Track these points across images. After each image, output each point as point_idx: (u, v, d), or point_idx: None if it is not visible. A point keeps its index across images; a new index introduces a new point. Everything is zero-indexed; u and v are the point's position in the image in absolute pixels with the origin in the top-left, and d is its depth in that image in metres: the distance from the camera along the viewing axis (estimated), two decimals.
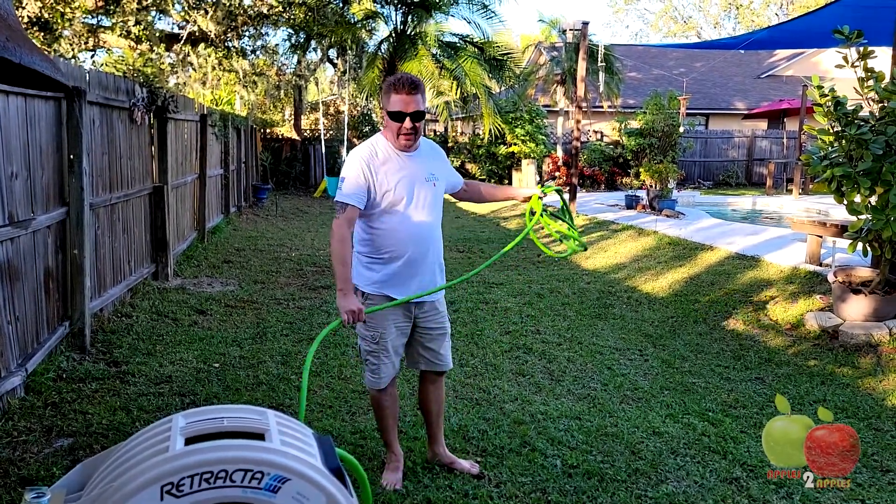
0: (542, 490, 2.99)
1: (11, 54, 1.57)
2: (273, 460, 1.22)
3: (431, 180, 2.93)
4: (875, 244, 5.13)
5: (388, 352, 2.91)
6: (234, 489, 1.21)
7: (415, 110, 2.78)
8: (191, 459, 1.19)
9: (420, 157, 2.93)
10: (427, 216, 2.91)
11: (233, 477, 1.21)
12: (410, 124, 2.79)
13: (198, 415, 1.39)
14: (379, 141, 2.89)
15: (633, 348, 5.17)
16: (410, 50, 15.90)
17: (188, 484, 1.19)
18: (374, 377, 2.96)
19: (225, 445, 1.25)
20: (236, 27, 9.10)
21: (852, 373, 4.62)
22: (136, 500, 1.17)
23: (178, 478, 1.18)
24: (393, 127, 2.81)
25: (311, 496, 1.24)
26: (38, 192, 4.03)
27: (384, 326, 2.89)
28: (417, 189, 2.87)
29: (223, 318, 5.64)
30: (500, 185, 2.96)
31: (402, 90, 2.76)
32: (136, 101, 5.83)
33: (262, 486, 1.22)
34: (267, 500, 1.22)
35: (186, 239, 8.16)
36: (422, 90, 2.81)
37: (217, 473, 1.19)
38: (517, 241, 3.13)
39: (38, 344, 4.00)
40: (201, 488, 1.19)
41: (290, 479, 1.23)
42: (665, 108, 13.23)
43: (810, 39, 11.75)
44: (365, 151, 2.84)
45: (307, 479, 1.24)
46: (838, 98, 5.01)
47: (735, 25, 41.46)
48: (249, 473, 1.21)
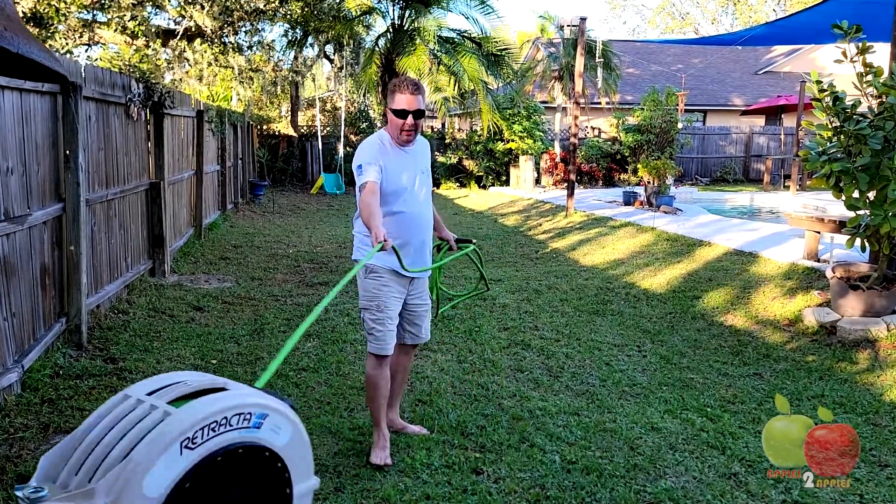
0: (541, 485, 2.98)
1: (9, 43, 1.55)
2: (257, 401, 1.49)
3: (426, 173, 3.28)
4: (873, 239, 5.13)
5: (391, 319, 3.15)
6: (233, 432, 1.44)
7: (416, 109, 3.05)
8: (202, 413, 1.40)
9: (416, 151, 3.23)
10: (424, 204, 3.24)
11: (231, 421, 1.44)
12: (412, 121, 3.06)
13: (153, 384, 1.54)
14: (383, 135, 3.16)
15: (632, 344, 5.17)
16: (408, 45, 15.85)
17: (200, 435, 1.38)
18: (377, 345, 3.15)
19: (221, 397, 1.47)
20: (233, 22, 9.05)
21: (850, 368, 4.63)
22: (161, 461, 1.32)
23: (193, 432, 1.37)
24: (396, 123, 3.08)
25: (282, 426, 1.53)
26: (34, 187, 4.01)
27: (386, 295, 3.13)
28: (416, 180, 3.19)
29: (220, 314, 5.62)
30: (437, 217, 3.44)
31: (405, 90, 3.05)
32: (133, 96, 5.80)
33: (251, 425, 1.48)
34: (254, 435, 1.48)
35: (183, 235, 8.13)
36: (422, 91, 3.09)
37: (220, 421, 1.41)
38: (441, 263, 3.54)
39: (34, 340, 3.98)
40: (209, 437, 1.40)
41: (269, 414, 1.51)
42: (663, 105, 13.21)
43: (808, 35, 11.75)
44: (375, 140, 3.14)
45: (280, 413, 1.53)
46: (837, 93, 5.01)
47: (733, 21, 41.46)
48: (242, 416, 1.46)
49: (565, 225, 11.28)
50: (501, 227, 11.81)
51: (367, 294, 3.14)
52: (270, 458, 1.51)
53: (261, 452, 1.49)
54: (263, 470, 1.50)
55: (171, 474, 1.34)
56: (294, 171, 19.23)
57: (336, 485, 2.95)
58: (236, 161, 13.07)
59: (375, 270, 3.14)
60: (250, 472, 1.48)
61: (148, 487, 1.31)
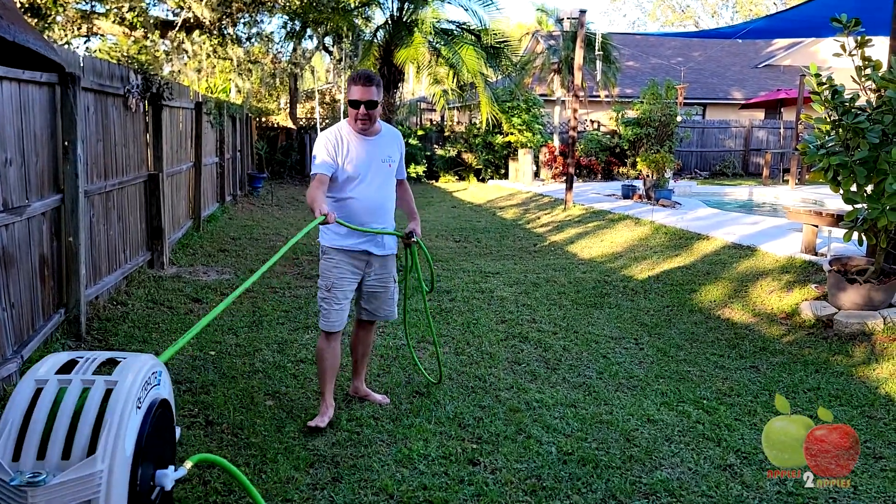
0: (538, 476, 3.00)
1: (6, 32, 1.56)
2: (154, 361, 1.85)
3: (387, 162, 3.50)
4: (871, 233, 5.14)
5: (338, 299, 3.45)
6: (153, 389, 1.78)
7: (368, 99, 3.32)
8: (140, 378, 1.70)
9: (380, 140, 3.49)
10: (380, 191, 3.48)
11: (150, 381, 1.77)
12: (364, 111, 3.35)
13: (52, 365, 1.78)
14: (343, 126, 3.44)
15: (629, 337, 5.19)
16: (406, 37, 15.80)
17: (143, 395, 1.69)
18: (325, 321, 3.47)
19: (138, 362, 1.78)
20: (231, 14, 9.02)
21: (846, 361, 4.65)
22: (130, 423, 1.58)
23: (139, 392, 1.67)
24: (351, 113, 3.39)
25: (166, 379, 1.92)
26: (33, 178, 4.01)
27: (336, 276, 3.46)
28: (374, 168, 3.43)
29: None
30: (412, 210, 3.74)
31: (358, 83, 3.34)
32: (131, 87, 5.79)
33: (157, 382, 1.83)
34: (160, 390, 1.85)
35: (182, 227, 8.13)
36: (377, 83, 3.35)
37: (150, 379, 1.76)
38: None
39: (33, 331, 3.99)
40: (146, 396, 1.72)
41: (161, 370, 1.88)
42: (662, 98, 13.21)
43: (808, 28, 11.73)
44: (330, 133, 3.42)
45: (164, 369, 1.91)
46: (836, 86, 5.01)
47: (733, 14, 41.36)
48: (154, 374, 1.80)
49: (564, 218, 11.29)
50: (500, 220, 11.81)
51: (322, 274, 3.49)
52: (168, 408, 1.87)
53: (167, 404, 1.85)
54: (167, 419, 1.86)
55: (133, 432, 1.61)
56: (293, 163, 19.20)
57: (333, 475, 2.97)
58: (235, 153, 13.05)
59: (326, 252, 3.49)
60: (163, 422, 1.82)
61: (126, 447, 1.56)
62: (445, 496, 2.81)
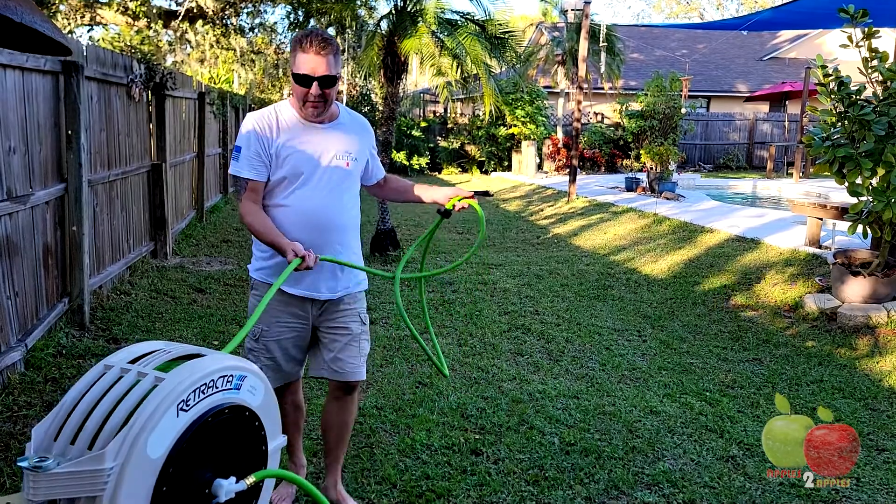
0: (540, 467, 3.01)
1: (13, 13, 1.54)
2: (236, 364, 1.57)
3: (345, 159, 2.41)
4: (875, 226, 5.12)
5: (268, 352, 2.42)
6: (219, 393, 1.52)
7: (324, 74, 2.23)
8: (193, 376, 1.47)
9: (337, 130, 2.41)
10: (330, 199, 2.38)
11: (217, 384, 1.52)
12: (318, 90, 2.25)
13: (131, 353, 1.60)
14: (283, 107, 2.36)
15: (632, 329, 5.18)
16: (410, 27, 15.73)
17: (193, 397, 1.46)
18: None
19: (205, 361, 1.53)
20: (234, 4, 9.00)
21: (850, 354, 4.64)
22: (161, 424, 1.40)
23: (186, 394, 1.44)
24: (298, 92, 2.27)
25: (257, 387, 1.61)
26: (37, 167, 4.01)
27: (266, 322, 2.40)
28: (322, 166, 2.36)
29: (222, 296, 5.64)
30: (418, 186, 2.63)
31: (309, 48, 2.21)
32: (134, 77, 5.78)
33: (233, 386, 1.55)
34: (236, 396, 1.56)
35: (185, 218, 8.14)
36: (335, 50, 2.25)
37: (208, 383, 1.50)
38: (456, 265, 2.78)
39: (37, 320, 4.00)
40: (200, 399, 1.48)
41: (247, 375, 1.58)
42: (666, 90, 13.13)
43: (814, 20, 11.64)
44: (261, 116, 2.34)
45: (255, 374, 1.61)
46: (842, 78, 4.97)
47: (738, 6, 41.09)
48: (225, 378, 1.54)
49: (567, 210, 11.27)
50: (503, 213, 11.80)
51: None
52: (250, 418, 1.61)
53: (242, 412, 1.58)
54: (245, 428, 1.60)
55: (170, 435, 1.42)
56: None
57: None
58: None
59: (254, 287, 2.47)
60: (235, 431, 1.58)
61: (151, 449, 1.39)
62: (448, 486, 2.82)
